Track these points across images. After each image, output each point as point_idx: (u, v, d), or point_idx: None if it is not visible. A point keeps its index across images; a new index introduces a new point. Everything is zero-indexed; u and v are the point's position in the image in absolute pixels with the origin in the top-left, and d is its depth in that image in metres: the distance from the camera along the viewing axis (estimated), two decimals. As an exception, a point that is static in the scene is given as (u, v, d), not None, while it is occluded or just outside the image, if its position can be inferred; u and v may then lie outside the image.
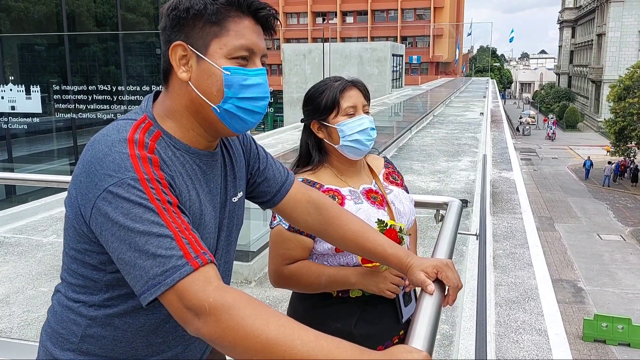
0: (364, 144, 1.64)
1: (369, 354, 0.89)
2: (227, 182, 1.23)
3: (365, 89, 1.71)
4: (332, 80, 1.68)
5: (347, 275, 1.58)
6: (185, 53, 1.07)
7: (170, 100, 1.12)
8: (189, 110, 1.11)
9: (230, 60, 1.07)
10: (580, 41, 66.04)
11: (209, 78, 1.07)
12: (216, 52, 1.07)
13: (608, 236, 22.23)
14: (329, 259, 1.63)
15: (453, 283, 1.24)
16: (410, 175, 8.62)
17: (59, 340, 1.14)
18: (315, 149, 1.71)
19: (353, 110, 1.64)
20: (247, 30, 1.08)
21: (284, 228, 1.60)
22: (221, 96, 1.07)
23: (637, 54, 44.81)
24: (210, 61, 1.06)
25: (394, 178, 1.81)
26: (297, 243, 1.60)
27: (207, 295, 0.90)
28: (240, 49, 1.07)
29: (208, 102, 1.08)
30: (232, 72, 1.07)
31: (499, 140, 12.83)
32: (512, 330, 3.49)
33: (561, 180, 32.99)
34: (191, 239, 0.95)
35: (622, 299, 16.27)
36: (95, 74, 12.67)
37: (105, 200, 0.95)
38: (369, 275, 1.57)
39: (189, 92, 1.09)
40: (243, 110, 1.09)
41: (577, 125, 55.01)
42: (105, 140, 1.01)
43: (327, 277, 1.58)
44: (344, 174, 1.71)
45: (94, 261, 1.07)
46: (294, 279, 1.62)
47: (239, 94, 1.08)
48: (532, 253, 4.97)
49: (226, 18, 1.06)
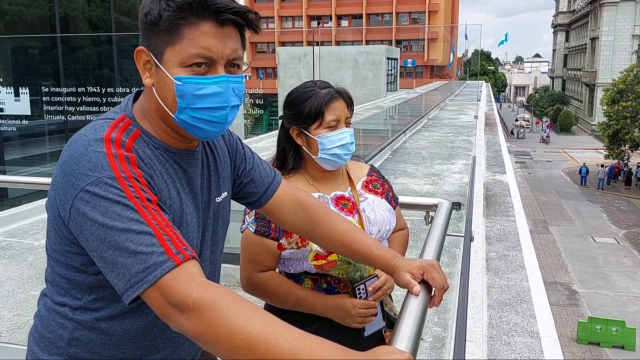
0: (342, 158, 1.63)
1: (352, 354, 0.88)
2: (211, 181, 1.22)
3: (350, 99, 1.68)
4: (317, 87, 1.64)
5: (315, 304, 1.58)
6: (149, 58, 1.05)
7: (145, 101, 1.11)
8: (158, 113, 1.09)
9: (186, 69, 1.02)
10: (574, 45, 66.41)
11: (164, 87, 1.04)
12: (170, 60, 1.02)
13: (602, 239, 22.31)
14: (293, 264, 1.62)
15: (439, 284, 1.23)
16: (404, 178, 8.64)
17: (46, 344, 1.12)
18: (292, 154, 1.69)
19: (335, 124, 1.61)
20: (205, 36, 1.01)
21: (251, 232, 1.59)
22: (175, 106, 1.04)
23: (630, 58, 45.06)
24: (164, 70, 1.03)
25: (375, 186, 1.78)
26: (264, 247, 1.59)
27: (190, 291, 0.89)
28: (194, 57, 1.02)
29: (167, 110, 1.06)
30: (184, 82, 1.02)
31: (493, 143, 12.86)
32: (504, 333, 3.49)
33: (555, 183, 33.11)
34: (172, 235, 0.94)
35: (616, 301, 16.32)
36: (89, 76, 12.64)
37: (83, 200, 0.94)
38: (336, 309, 1.57)
39: (155, 97, 1.07)
40: (200, 120, 1.05)
41: (571, 128, 55.27)
42: (82, 140, 1.00)
43: (295, 299, 1.59)
44: (317, 180, 1.69)
45: (76, 263, 1.06)
46: (263, 290, 1.61)
47: (192, 104, 1.03)
48: (525, 255, 4.97)
49: (179, 25, 1.01)
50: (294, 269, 1.62)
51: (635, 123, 30.04)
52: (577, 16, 64.36)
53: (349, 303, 1.56)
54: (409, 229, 1.90)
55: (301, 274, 1.63)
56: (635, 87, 30.09)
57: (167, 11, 1.01)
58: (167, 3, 1.01)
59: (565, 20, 71.70)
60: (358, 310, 1.55)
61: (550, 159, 41.25)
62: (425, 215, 2.19)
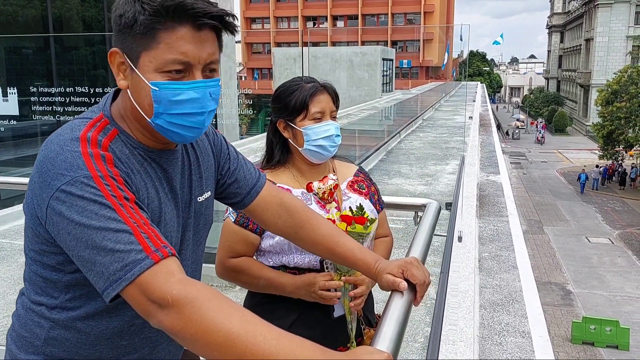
0: (328, 149, 1.65)
1: (331, 354, 0.89)
2: (192, 180, 1.21)
3: (335, 94, 1.70)
4: (303, 81, 1.67)
5: (283, 283, 1.60)
6: (123, 60, 1.03)
7: (122, 101, 1.10)
8: (133, 115, 1.08)
9: (162, 74, 1.00)
10: (569, 46, 66.66)
11: (140, 92, 1.03)
12: (146, 65, 1.00)
13: (596, 239, 22.38)
14: (272, 257, 1.64)
15: (420, 280, 1.23)
16: (399, 179, 8.64)
17: (23, 343, 1.12)
18: (279, 147, 1.71)
19: (320, 116, 1.64)
20: (182, 41, 0.99)
21: (231, 221, 1.63)
22: (152, 111, 1.03)
23: (624, 59, 45.21)
24: (140, 74, 1.01)
25: (360, 187, 1.79)
26: (242, 237, 1.63)
27: (170, 288, 0.89)
28: (171, 62, 1.00)
29: (143, 114, 1.05)
30: (161, 87, 1.00)
31: (487, 144, 12.89)
32: (495, 333, 3.49)
33: (550, 183, 33.21)
34: (150, 233, 0.94)
35: (610, 301, 16.37)
36: (83, 77, 12.60)
37: (59, 200, 0.94)
38: (302, 286, 1.58)
39: (130, 99, 1.06)
40: (176, 125, 1.04)
41: (565, 129, 55.45)
42: (58, 140, 1.00)
43: (265, 280, 1.61)
44: (304, 175, 1.71)
45: (53, 262, 1.05)
46: (235, 274, 1.65)
47: (170, 109, 1.02)
48: (518, 256, 4.98)
49: (156, 30, 0.98)
50: (272, 261, 1.64)
51: (630, 124, 30.17)
52: (571, 17, 64.61)
53: (312, 278, 1.58)
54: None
55: (279, 267, 1.64)
56: (629, 88, 30.23)
57: (143, 15, 0.98)
58: (142, 6, 0.98)
59: (560, 22, 71.97)
60: (322, 283, 1.56)
61: (545, 159, 41.37)
62: (414, 215, 2.19)
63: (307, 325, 1.60)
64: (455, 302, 3.61)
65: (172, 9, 0.98)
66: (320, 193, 1.67)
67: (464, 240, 4.54)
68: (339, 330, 1.64)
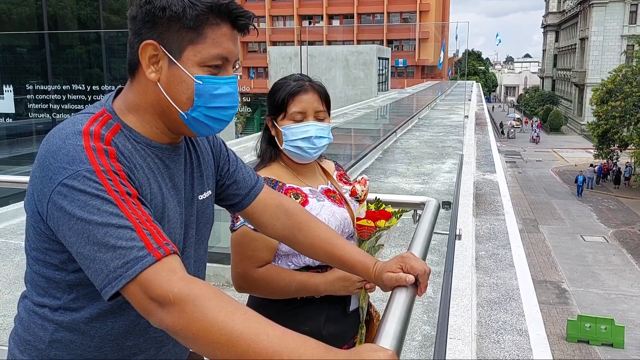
0: (306, 151, 1.61)
1: (334, 353, 0.87)
2: (194, 178, 1.21)
3: (324, 93, 1.66)
4: (291, 79, 1.65)
5: (317, 283, 1.57)
6: (157, 53, 1.03)
7: (134, 95, 1.09)
8: (155, 109, 1.08)
9: (203, 68, 1.04)
10: (564, 45, 66.84)
11: (179, 84, 1.04)
12: (190, 58, 1.03)
13: (591, 238, 22.46)
14: (294, 259, 1.60)
15: (420, 270, 1.22)
16: (395, 178, 8.65)
17: (26, 347, 1.10)
18: (267, 143, 1.70)
19: (301, 117, 1.60)
20: (224, 37, 1.05)
21: (250, 228, 1.55)
22: (190, 104, 1.05)
23: (619, 58, 45.36)
24: (183, 68, 1.03)
25: (346, 179, 1.82)
26: (264, 244, 1.56)
27: (171, 285, 0.87)
28: (215, 58, 1.04)
29: (176, 107, 1.05)
30: (204, 81, 1.04)
31: (483, 143, 12.92)
32: (493, 331, 3.50)
33: (545, 182, 33.31)
34: (152, 230, 0.93)
35: (605, 299, 16.44)
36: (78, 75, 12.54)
37: (61, 194, 0.92)
38: (337, 281, 1.57)
39: (157, 92, 1.06)
40: (211, 118, 1.07)
41: (560, 128, 55.61)
42: (60, 134, 0.98)
43: (298, 284, 1.56)
44: (299, 173, 1.69)
45: (55, 260, 1.03)
46: (263, 284, 1.57)
47: (208, 103, 1.06)
48: (514, 254, 4.99)
49: (204, 25, 1.02)
50: (294, 264, 1.61)
51: (624, 123, 30.27)
52: (566, 16, 64.78)
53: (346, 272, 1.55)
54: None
55: (302, 269, 1.61)
56: (624, 87, 30.30)
57: (194, 10, 1.01)
58: (192, 2, 1.01)
59: (555, 21, 72.16)
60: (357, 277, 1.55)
61: (540, 158, 41.49)
62: (412, 213, 2.19)
63: (334, 320, 1.61)
64: (453, 300, 3.61)
65: (223, 7, 1.03)
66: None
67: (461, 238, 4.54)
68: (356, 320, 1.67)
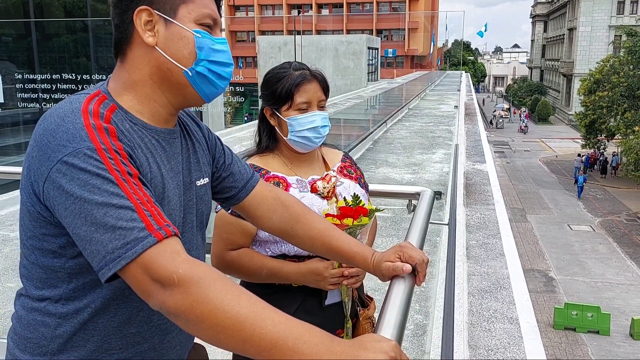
0: (313, 141, 1.62)
1: (338, 342, 0.87)
2: (190, 163, 1.20)
3: (324, 82, 1.66)
4: (292, 68, 1.63)
5: (288, 272, 1.58)
6: (151, 18, 1.05)
7: (128, 72, 1.08)
8: (154, 78, 1.08)
9: (198, 26, 1.08)
10: (552, 35, 67.16)
11: (179, 41, 1.07)
12: (185, 16, 1.07)
13: (578, 227, 22.76)
14: (271, 247, 1.61)
15: (419, 259, 1.23)
16: (385, 168, 8.66)
17: (27, 346, 1.06)
18: (266, 134, 1.69)
19: (306, 106, 1.60)
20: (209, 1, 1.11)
21: (226, 212, 1.57)
22: (193, 58, 1.07)
23: (606, 48, 45.69)
24: (181, 24, 1.07)
25: (349, 172, 1.79)
26: (239, 227, 1.58)
27: (176, 266, 0.86)
28: (207, 16, 1.09)
29: (179, 65, 1.07)
30: (203, 35, 1.08)
31: (472, 133, 12.96)
32: (484, 319, 3.53)
33: (533, 172, 33.60)
34: (153, 211, 0.91)
35: (592, 287, 16.69)
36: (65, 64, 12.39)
37: (60, 172, 0.90)
38: (309, 274, 1.57)
39: (155, 57, 1.06)
40: (214, 73, 1.10)
41: (548, 118, 56.03)
42: (58, 113, 0.96)
43: (268, 270, 1.58)
44: (293, 163, 1.69)
45: (53, 246, 1.01)
46: (235, 266, 1.60)
47: (210, 56, 1.09)
48: (505, 243, 5.03)
49: None
50: (271, 251, 1.62)
51: (611, 113, 30.54)
52: (555, 7, 65.03)
53: (320, 266, 1.57)
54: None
55: (279, 257, 1.62)
56: (611, 77, 30.54)
57: None
58: None
59: (543, 11, 72.42)
60: (330, 271, 1.56)
61: (529, 148, 41.81)
62: (407, 203, 2.20)
63: (307, 312, 1.60)
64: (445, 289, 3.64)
65: None
66: (325, 192, 1.65)
67: (453, 228, 4.56)
68: (336, 314, 1.65)
